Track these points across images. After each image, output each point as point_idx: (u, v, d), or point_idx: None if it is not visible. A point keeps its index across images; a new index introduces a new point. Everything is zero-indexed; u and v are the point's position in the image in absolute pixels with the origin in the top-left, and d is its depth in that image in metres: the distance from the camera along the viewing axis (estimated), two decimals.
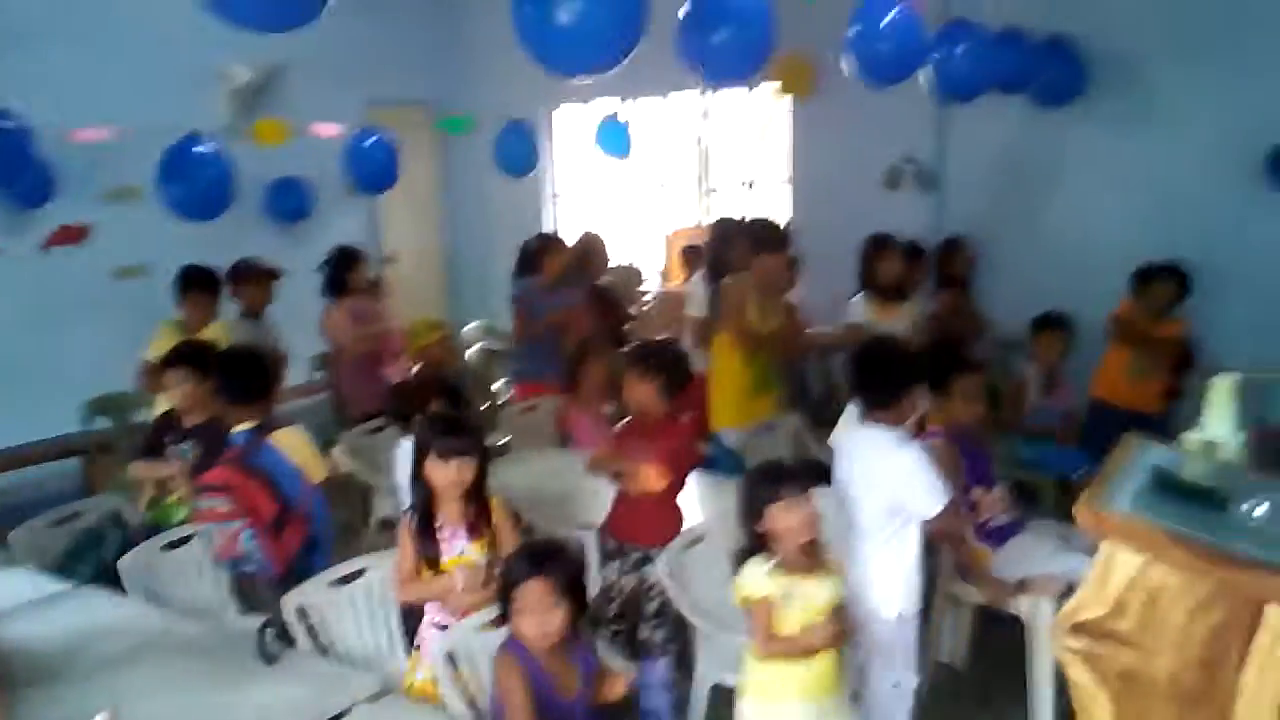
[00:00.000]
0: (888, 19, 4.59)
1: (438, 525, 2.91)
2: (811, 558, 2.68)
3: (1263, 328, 5.47)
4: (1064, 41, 5.80)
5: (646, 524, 3.44)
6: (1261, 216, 5.54)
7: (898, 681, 3.12)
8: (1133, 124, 5.92)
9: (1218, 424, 2.38)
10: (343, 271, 5.54)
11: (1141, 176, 5.90)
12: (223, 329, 4.95)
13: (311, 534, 3.48)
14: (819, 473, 2.85)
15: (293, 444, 3.52)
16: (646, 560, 3.41)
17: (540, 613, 2.46)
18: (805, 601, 2.62)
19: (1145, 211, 5.78)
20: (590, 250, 6.43)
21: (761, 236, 4.69)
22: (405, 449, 3.65)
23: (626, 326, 6.36)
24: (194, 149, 5.36)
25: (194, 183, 5.38)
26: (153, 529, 3.68)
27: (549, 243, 5.76)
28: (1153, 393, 4.97)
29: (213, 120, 6.37)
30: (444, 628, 2.87)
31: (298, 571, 3.25)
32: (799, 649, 2.62)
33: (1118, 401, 4.98)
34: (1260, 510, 1.91)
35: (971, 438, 3.65)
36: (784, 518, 2.62)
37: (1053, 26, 5.78)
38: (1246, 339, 5.43)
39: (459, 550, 2.91)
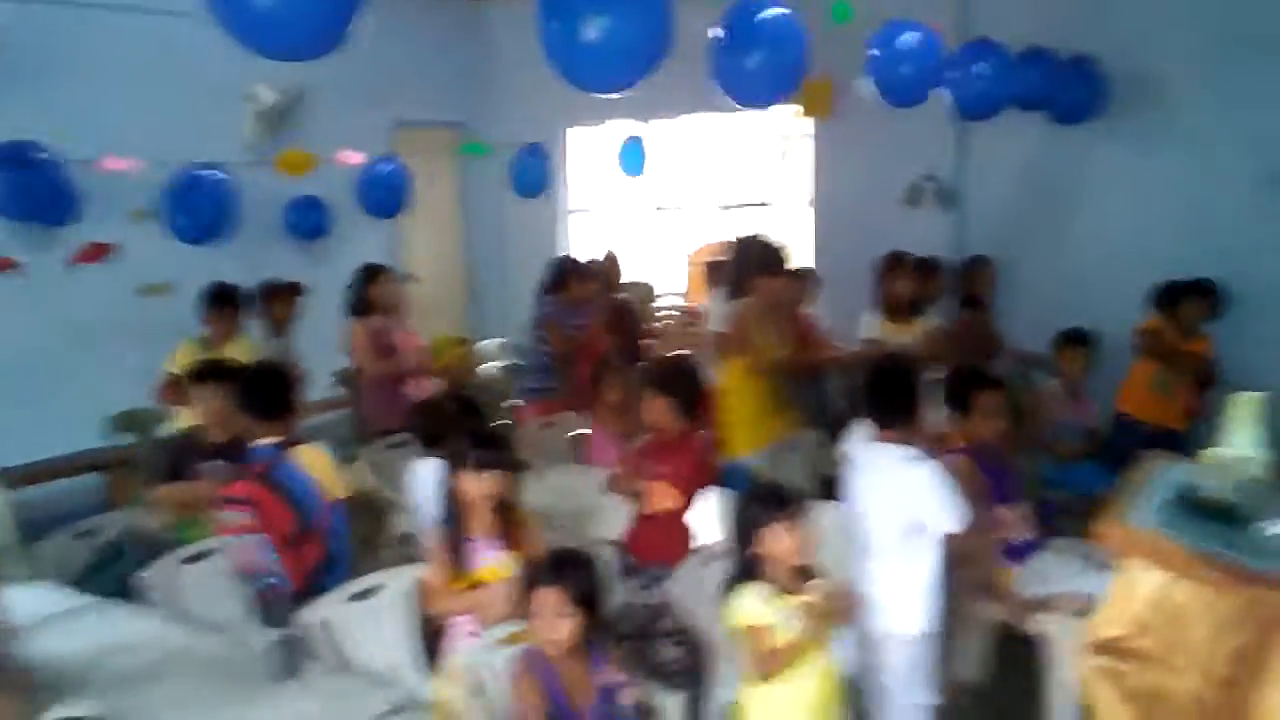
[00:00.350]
0: (907, 41, 4.60)
1: (469, 538, 2.94)
2: (802, 579, 2.65)
3: None
4: (1086, 60, 5.79)
5: (663, 543, 3.44)
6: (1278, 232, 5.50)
7: (917, 701, 3.10)
8: (1154, 142, 5.89)
9: (1241, 441, 2.37)
10: (366, 288, 5.57)
11: (1162, 194, 5.87)
12: (247, 345, 4.99)
13: (330, 550, 3.49)
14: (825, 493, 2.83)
15: (314, 460, 3.54)
16: (660, 578, 3.41)
17: (549, 619, 2.47)
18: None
19: (1166, 229, 5.75)
20: (607, 270, 6.48)
21: (761, 258, 4.68)
22: (425, 466, 3.67)
23: (644, 343, 6.37)
24: (198, 178, 5.45)
25: (199, 211, 5.47)
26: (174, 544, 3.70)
27: (579, 266, 5.79)
28: (1177, 409, 4.94)
29: (238, 142, 6.45)
30: (474, 635, 2.88)
31: (316, 587, 3.26)
32: (795, 655, 2.57)
33: (1142, 416, 4.97)
34: None
35: (994, 455, 3.62)
36: (778, 541, 2.60)
37: (1075, 46, 5.77)
38: (1269, 357, 5.39)
39: (491, 560, 2.94)
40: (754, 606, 2.60)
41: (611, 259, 6.78)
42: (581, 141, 8.60)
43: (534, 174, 7.17)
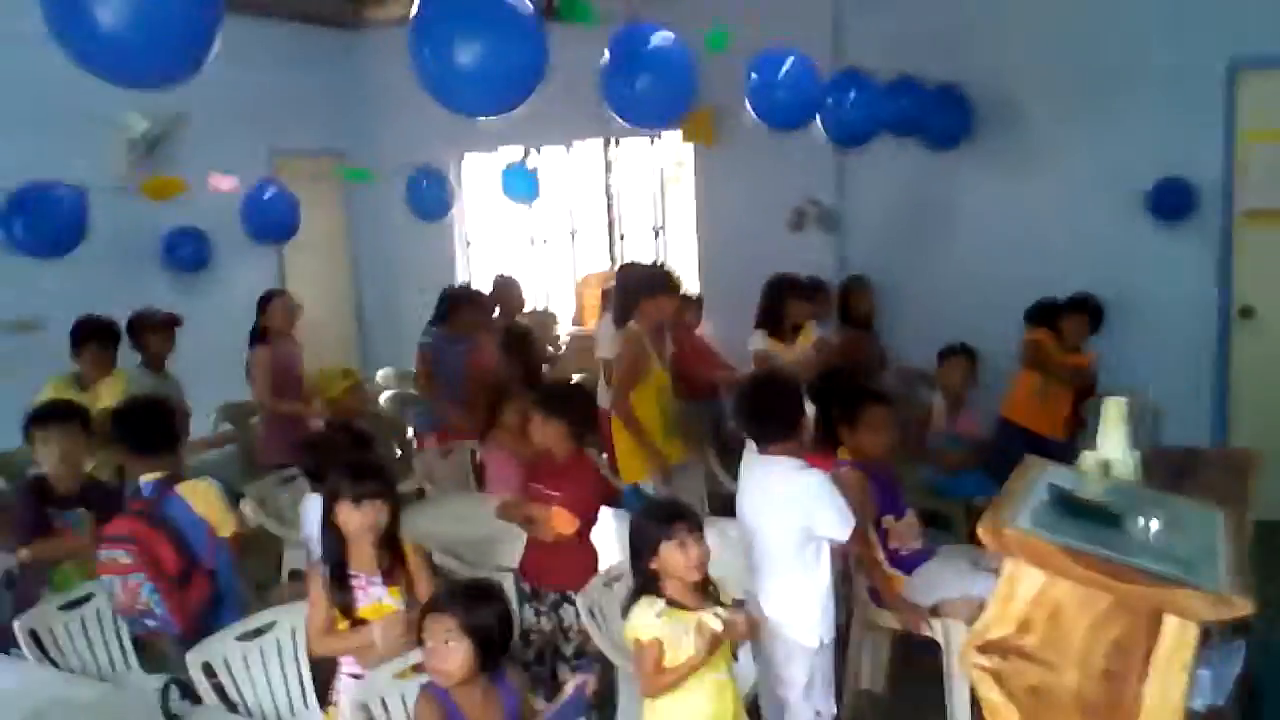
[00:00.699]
0: (785, 69, 4.72)
1: (351, 574, 2.85)
2: (701, 594, 2.69)
3: (1149, 350, 5.72)
4: (954, 89, 6.04)
5: (561, 566, 3.43)
6: (1145, 247, 5.83)
7: (818, 710, 3.14)
8: (1020, 166, 6.17)
9: (1111, 444, 2.48)
10: (259, 315, 5.48)
11: (1029, 215, 6.14)
12: (122, 380, 4.81)
13: (218, 589, 3.38)
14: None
15: (201, 496, 3.42)
16: (564, 601, 3.40)
17: (439, 649, 2.42)
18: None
19: (1034, 248, 6.01)
20: (504, 294, 6.45)
21: (644, 280, 4.75)
22: (315, 501, 3.58)
23: (543, 369, 6.36)
24: (44, 189, 5.23)
25: (42, 225, 5.23)
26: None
27: (469, 295, 5.74)
28: (1058, 417, 5.18)
29: (104, 170, 6.23)
30: (359, 677, 2.80)
31: (204, 628, 3.15)
32: (684, 675, 2.59)
33: (1025, 424, 5.20)
34: (1155, 525, 1.98)
35: (880, 467, 3.72)
36: (675, 556, 2.63)
37: (943, 75, 6.01)
38: (1136, 363, 5.69)
39: (376, 598, 2.86)
40: (645, 620, 2.61)
41: (508, 283, 6.75)
42: (476, 171, 8.56)
43: (432, 197, 7.09)
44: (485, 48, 3.23)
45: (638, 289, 4.66)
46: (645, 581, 2.68)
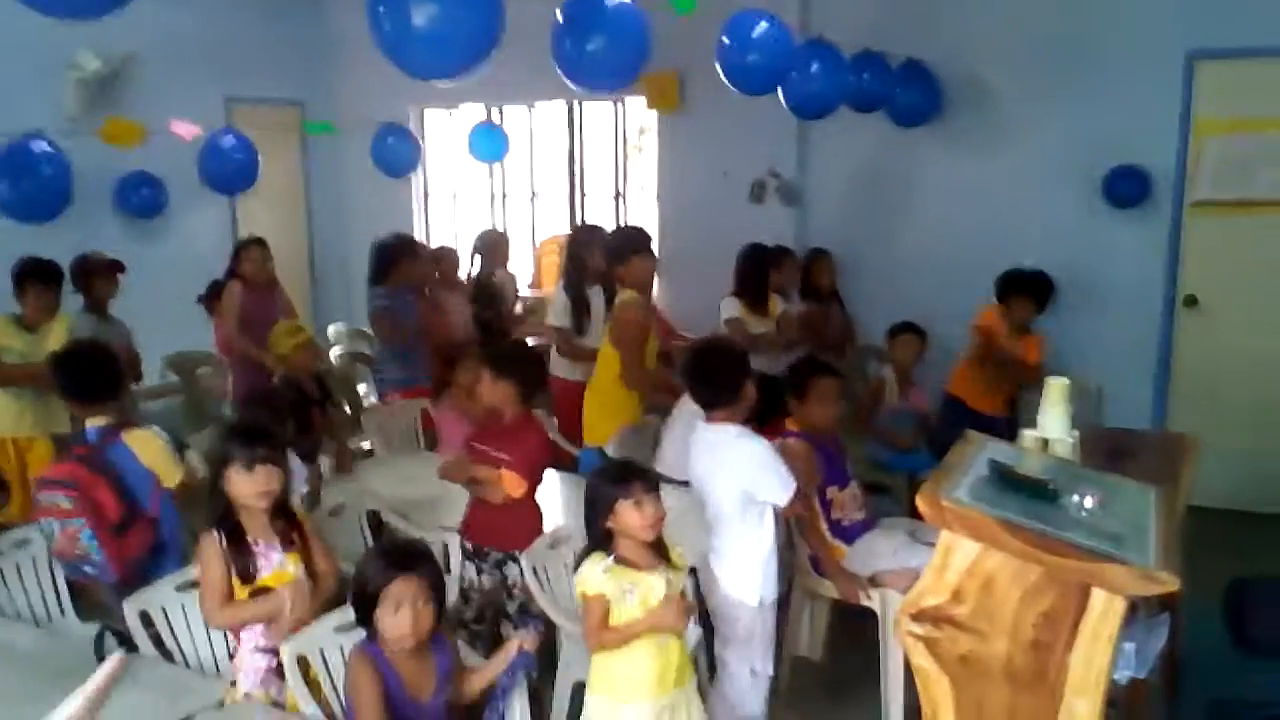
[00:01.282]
0: (758, 31, 4.70)
1: (250, 540, 2.76)
2: (653, 554, 2.71)
3: (1095, 333, 5.82)
4: (919, 65, 6.06)
5: (506, 527, 3.43)
6: (1098, 232, 5.91)
7: (754, 669, 3.19)
8: (984, 144, 6.22)
9: (1052, 424, 2.53)
10: (232, 261, 5.54)
11: (992, 193, 6.19)
12: (66, 324, 4.72)
13: (159, 539, 3.35)
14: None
15: (146, 445, 3.36)
16: (508, 560, 3.41)
17: (413, 609, 2.40)
18: (644, 595, 2.65)
19: (994, 226, 6.07)
20: (490, 249, 6.41)
21: (627, 240, 4.70)
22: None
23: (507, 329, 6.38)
24: (28, 148, 5.09)
25: (26, 184, 5.11)
26: None
27: (407, 247, 5.64)
28: (1002, 396, 5.30)
29: (58, 112, 6.08)
30: (270, 652, 2.71)
31: (143, 577, 3.12)
32: (627, 638, 2.62)
33: (970, 402, 5.28)
34: (1089, 502, 2.03)
35: (826, 438, 3.76)
36: (631, 515, 2.65)
37: (910, 50, 6.03)
38: (1081, 345, 5.79)
39: (278, 564, 2.77)
40: (593, 575, 2.64)
41: (497, 238, 6.72)
42: (434, 128, 8.47)
43: (399, 154, 7.01)
44: (441, 10, 3.18)
45: (615, 252, 4.61)
46: (598, 539, 2.70)
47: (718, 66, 4.78)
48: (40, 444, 4.65)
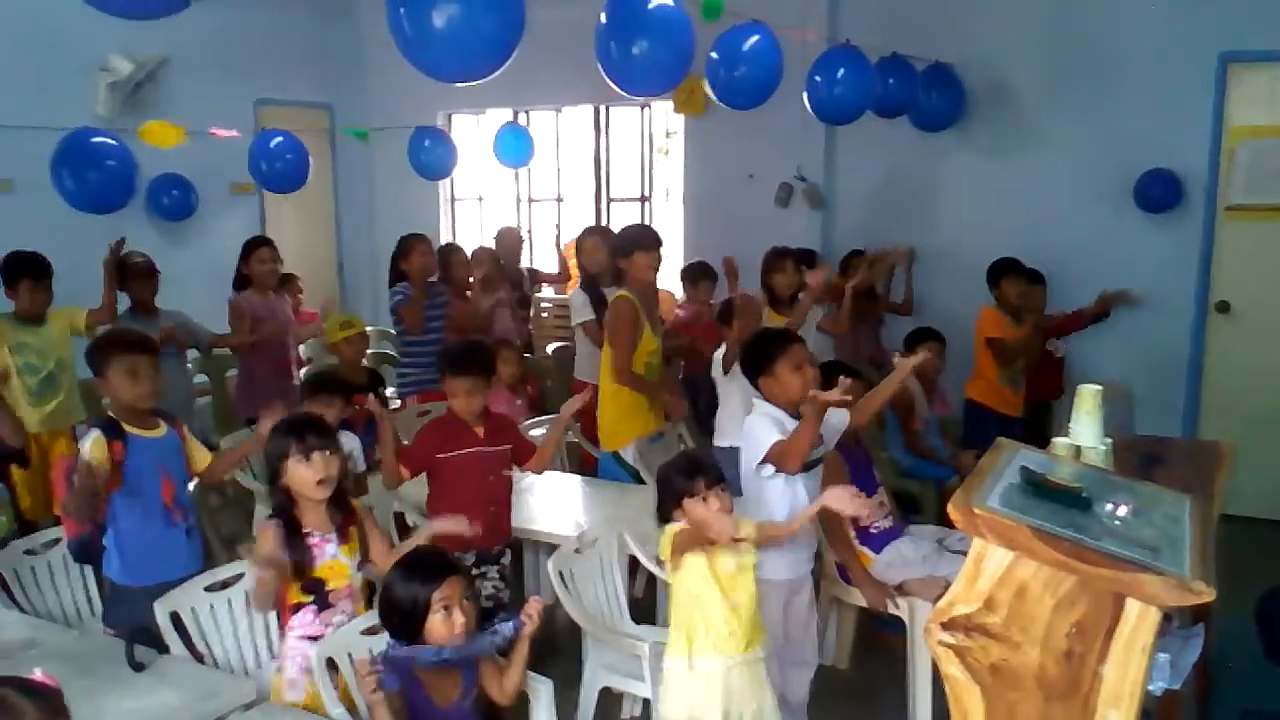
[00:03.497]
0: (748, 45, 4.67)
1: (306, 532, 2.79)
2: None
3: (1125, 339, 5.77)
4: (946, 69, 6.03)
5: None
6: (1129, 237, 5.86)
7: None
8: (1007, 150, 6.19)
9: (1084, 431, 2.50)
10: (240, 263, 5.44)
11: (1014, 199, 6.17)
12: (64, 317, 4.75)
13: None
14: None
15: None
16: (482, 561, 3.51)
17: (459, 609, 2.46)
18: (713, 566, 2.73)
19: (1021, 231, 6.01)
20: (503, 243, 6.43)
21: (626, 239, 4.67)
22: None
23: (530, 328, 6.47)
24: (93, 139, 5.14)
25: (90, 175, 5.16)
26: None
27: (412, 244, 5.63)
28: (1019, 396, 5.33)
29: (89, 115, 6.14)
30: (314, 639, 2.75)
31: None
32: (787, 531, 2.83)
33: (988, 403, 5.29)
34: (1122, 511, 2.00)
35: (855, 445, 3.74)
36: (699, 511, 2.71)
37: (936, 55, 6.00)
38: (1112, 351, 5.74)
39: (331, 555, 2.81)
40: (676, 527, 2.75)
41: (506, 231, 6.78)
42: (462, 130, 8.50)
43: (435, 157, 7.04)
44: (461, 12, 3.19)
45: (619, 249, 4.62)
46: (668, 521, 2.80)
47: (706, 84, 4.74)
48: (63, 439, 4.69)
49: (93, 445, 3.04)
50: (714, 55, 4.69)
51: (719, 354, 4.32)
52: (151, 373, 3.17)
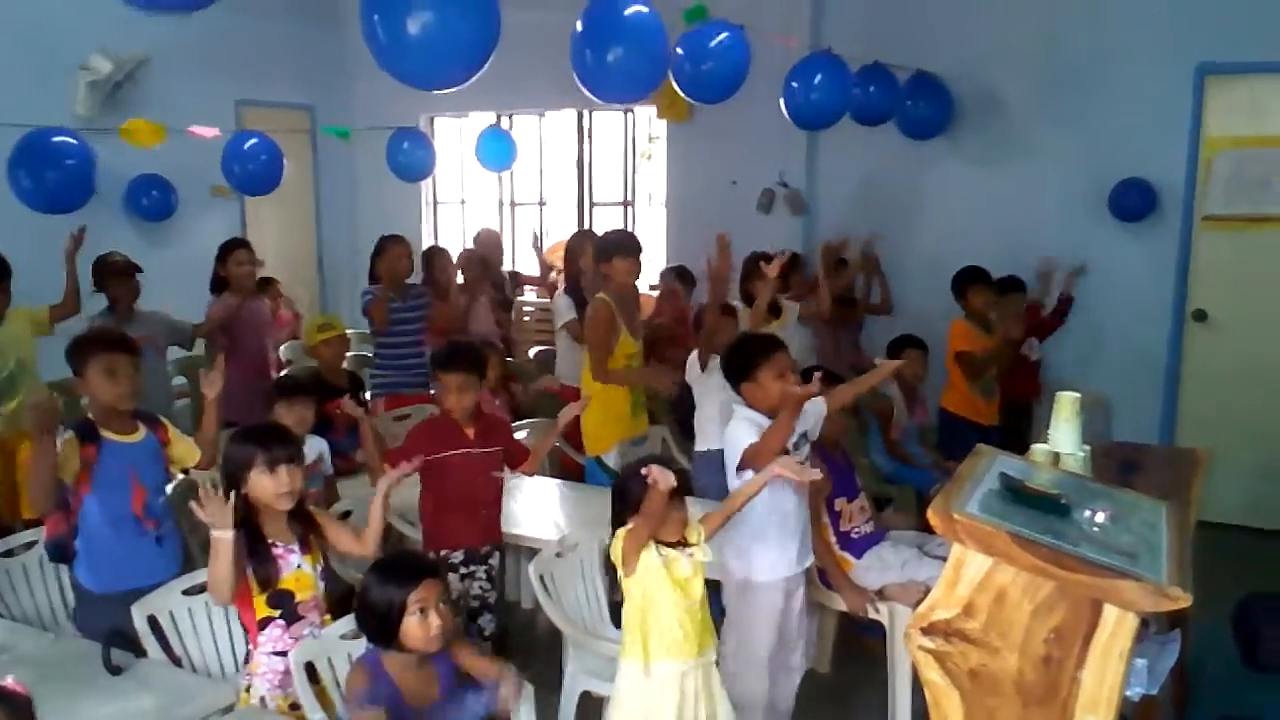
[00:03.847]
0: (715, 41, 4.65)
1: (271, 543, 2.76)
2: (679, 546, 2.78)
3: (1103, 347, 5.81)
4: (930, 78, 6.06)
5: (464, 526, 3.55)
6: (1107, 246, 5.91)
7: (735, 643, 3.21)
8: (988, 158, 6.24)
9: (1063, 438, 2.52)
10: (217, 265, 5.40)
11: (994, 207, 6.21)
12: (23, 317, 4.70)
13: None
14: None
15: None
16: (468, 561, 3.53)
17: (437, 612, 2.45)
18: (670, 568, 2.73)
19: (1003, 238, 6.06)
20: (484, 245, 6.42)
21: (605, 244, 4.67)
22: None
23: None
24: (52, 139, 5.09)
25: (48, 174, 5.10)
26: None
27: (383, 245, 5.61)
28: (993, 405, 5.35)
29: (67, 114, 6.09)
30: (281, 654, 2.71)
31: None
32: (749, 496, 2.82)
33: (962, 413, 5.31)
34: (1100, 517, 2.02)
35: (836, 450, 3.75)
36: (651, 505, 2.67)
37: (921, 64, 6.04)
38: (1089, 359, 5.79)
39: (294, 565, 2.77)
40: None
41: (486, 234, 6.78)
42: (445, 133, 8.49)
43: (414, 159, 7.02)
44: (435, 18, 3.17)
45: (600, 253, 4.62)
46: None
47: (672, 79, 4.74)
48: (28, 441, 4.62)
49: (64, 444, 3.00)
50: (679, 51, 4.69)
51: (693, 357, 4.34)
52: (131, 372, 3.14)
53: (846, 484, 3.74)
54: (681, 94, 4.76)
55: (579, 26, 4.07)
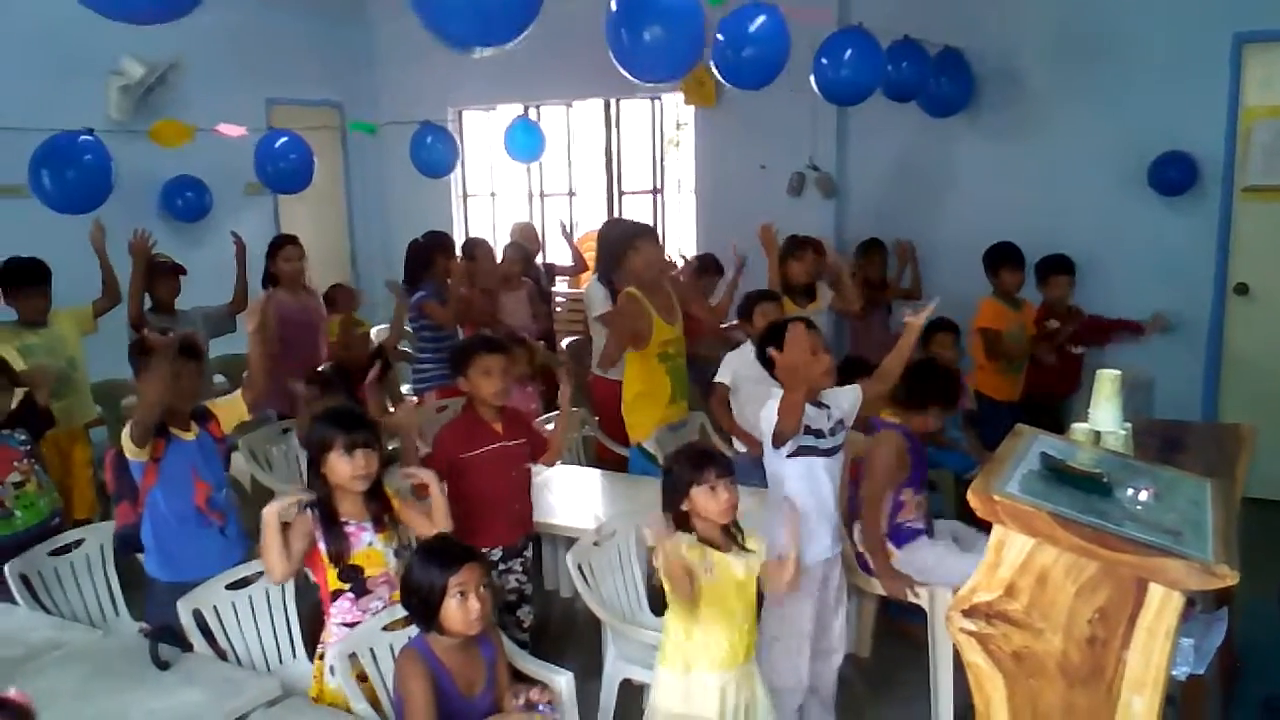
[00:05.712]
0: (755, 25, 4.62)
1: (343, 520, 2.86)
2: (730, 538, 2.77)
3: (1144, 318, 5.73)
4: (957, 54, 5.99)
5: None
6: (1145, 220, 5.82)
7: (775, 634, 3.18)
8: (1020, 134, 6.14)
9: (1103, 416, 2.49)
10: (267, 261, 5.51)
11: (1028, 184, 6.12)
12: (71, 317, 4.79)
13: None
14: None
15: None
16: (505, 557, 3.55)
17: (477, 596, 2.48)
18: (721, 571, 2.70)
19: (1036, 215, 5.98)
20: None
21: (623, 234, 4.64)
22: None
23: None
24: (69, 142, 5.14)
25: (69, 175, 5.15)
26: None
27: (441, 242, 5.65)
28: (1018, 383, 5.37)
29: (102, 117, 6.16)
30: (353, 625, 2.81)
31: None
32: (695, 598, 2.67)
33: (999, 396, 5.30)
34: (1144, 495, 1.99)
35: (921, 436, 3.71)
36: (706, 500, 2.70)
37: (948, 40, 5.96)
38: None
39: (367, 543, 2.87)
40: (678, 545, 2.68)
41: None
42: (473, 126, 8.51)
43: (438, 154, 7.04)
44: None
45: (617, 245, 4.58)
46: (678, 522, 2.75)
47: (712, 66, 4.71)
48: (80, 442, 4.71)
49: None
50: (720, 36, 4.66)
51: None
52: (195, 376, 3.30)
53: (919, 477, 3.67)
54: (723, 80, 4.72)
55: (613, 6, 4.03)
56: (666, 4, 4.05)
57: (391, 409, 4.61)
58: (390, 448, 3.97)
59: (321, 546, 2.82)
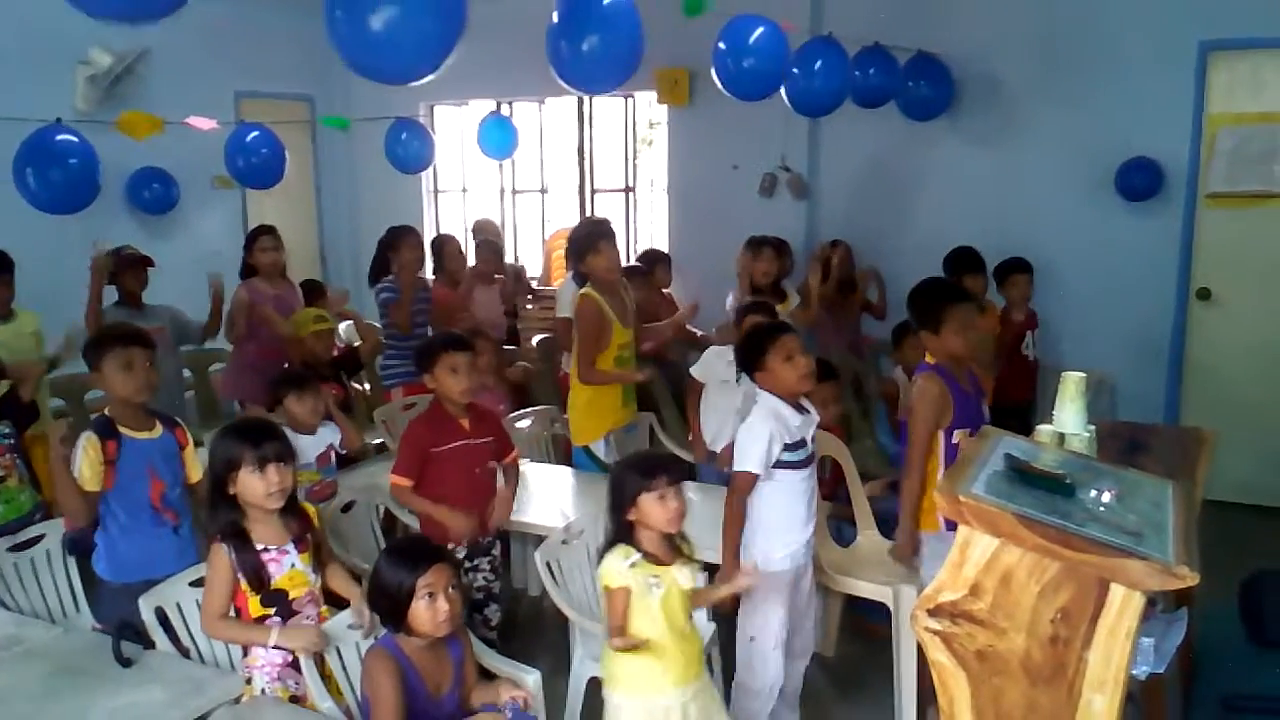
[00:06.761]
0: (754, 36, 4.66)
1: (259, 548, 2.75)
2: (673, 549, 2.73)
3: (1107, 326, 5.80)
4: (931, 59, 6.03)
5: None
6: (1111, 225, 5.90)
7: (751, 635, 3.18)
8: (990, 139, 6.21)
9: (1068, 418, 2.52)
10: (245, 253, 5.42)
11: (998, 187, 6.19)
12: (37, 319, 4.70)
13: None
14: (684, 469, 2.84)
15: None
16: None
17: (446, 597, 2.46)
18: (669, 588, 2.66)
19: (1006, 220, 6.04)
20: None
21: (582, 236, 4.60)
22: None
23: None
24: (55, 137, 5.08)
25: (54, 174, 5.09)
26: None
27: (403, 232, 5.60)
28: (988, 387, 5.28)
29: (67, 108, 6.08)
30: (278, 649, 2.71)
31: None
32: (637, 648, 2.62)
33: None
34: (1106, 497, 2.02)
35: (964, 376, 3.50)
36: (654, 509, 2.65)
37: (922, 46, 6.01)
38: (1096, 337, 5.77)
39: (289, 565, 2.77)
40: (617, 568, 2.64)
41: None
42: (445, 121, 8.47)
43: (412, 150, 6.99)
44: (396, 12, 3.17)
45: (577, 247, 4.54)
46: (620, 531, 2.71)
47: (714, 73, 4.75)
48: (40, 441, 4.63)
49: (86, 443, 3.02)
50: (721, 46, 4.68)
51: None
52: (147, 366, 3.15)
53: (972, 413, 3.41)
54: (726, 91, 4.76)
55: (554, 18, 4.03)
56: (605, 15, 4.06)
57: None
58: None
59: (241, 579, 2.71)
